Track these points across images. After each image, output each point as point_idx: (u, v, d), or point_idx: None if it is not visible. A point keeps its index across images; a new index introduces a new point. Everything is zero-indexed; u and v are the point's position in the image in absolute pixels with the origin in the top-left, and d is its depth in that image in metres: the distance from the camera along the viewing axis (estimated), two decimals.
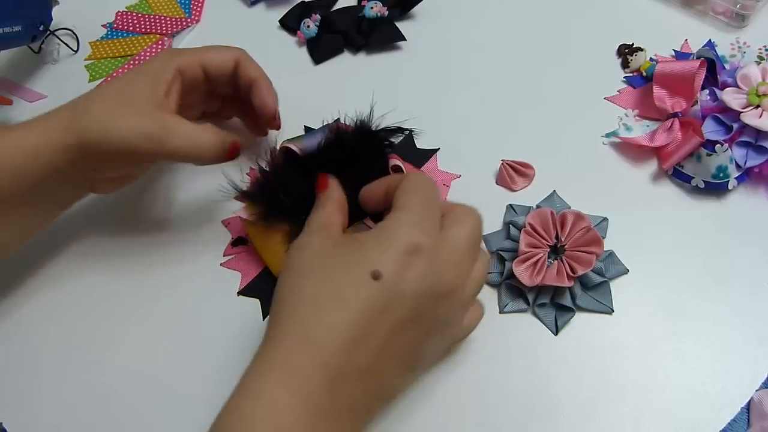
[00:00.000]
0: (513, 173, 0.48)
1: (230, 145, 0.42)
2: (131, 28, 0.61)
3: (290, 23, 0.60)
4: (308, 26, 0.57)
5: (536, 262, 0.42)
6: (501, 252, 0.44)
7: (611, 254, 0.44)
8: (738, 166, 0.46)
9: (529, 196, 0.48)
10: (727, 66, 0.51)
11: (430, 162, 0.50)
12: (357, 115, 0.45)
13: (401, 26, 0.58)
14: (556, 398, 0.40)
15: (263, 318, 0.44)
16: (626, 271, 0.44)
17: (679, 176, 0.47)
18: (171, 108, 0.42)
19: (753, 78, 0.47)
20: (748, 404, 0.40)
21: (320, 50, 0.57)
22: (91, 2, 0.63)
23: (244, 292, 0.45)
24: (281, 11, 0.61)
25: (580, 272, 0.41)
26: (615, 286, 0.43)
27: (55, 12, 0.56)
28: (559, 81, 0.54)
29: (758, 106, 0.46)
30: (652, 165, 0.49)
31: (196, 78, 0.44)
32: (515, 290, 0.43)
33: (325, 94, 0.55)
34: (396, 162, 0.44)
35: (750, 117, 0.46)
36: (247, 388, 0.32)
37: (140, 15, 0.62)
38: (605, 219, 0.46)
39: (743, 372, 0.40)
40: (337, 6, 0.61)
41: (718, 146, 0.45)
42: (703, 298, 0.43)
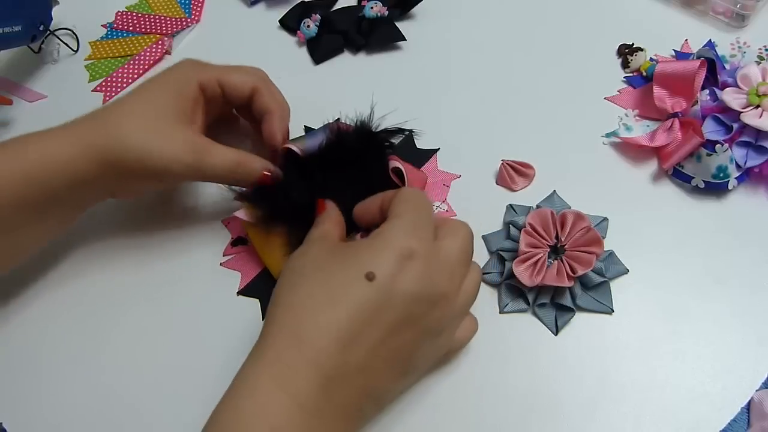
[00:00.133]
0: (513, 173, 0.48)
1: (262, 174, 0.43)
2: (131, 28, 0.61)
3: (290, 23, 0.60)
4: (308, 26, 0.57)
5: (536, 262, 0.42)
6: (501, 252, 0.44)
7: (611, 254, 0.44)
8: (738, 166, 0.46)
9: (529, 196, 0.48)
10: (727, 66, 0.51)
11: (430, 162, 0.50)
12: (357, 116, 0.45)
13: (401, 26, 0.58)
14: (556, 398, 0.40)
15: (262, 318, 0.44)
16: (626, 271, 0.44)
17: (679, 176, 0.47)
18: (199, 126, 0.44)
19: (753, 78, 0.47)
20: (748, 404, 0.40)
21: (320, 50, 0.57)
22: (91, 2, 0.63)
23: (244, 292, 0.45)
24: (281, 11, 0.61)
25: (580, 272, 0.41)
26: (615, 286, 0.43)
27: (55, 12, 0.56)
28: (559, 81, 0.54)
29: (758, 106, 0.46)
30: (652, 165, 0.49)
31: (215, 95, 0.45)
32: (515, 290, 0.43)
33: (325, 94, 0.55)
34: (396, 164, 0.44)
35: (750, 117, 0.46)
36: (241, 386, 0.32)
37: (140, 15, 0.62)
38: (605, 219, 0.46)
39: (743, 372, 0.40)
40: (337, 6, 0.61)
41: (718, 146, 0.45)
42: (703, 298, 0.43)
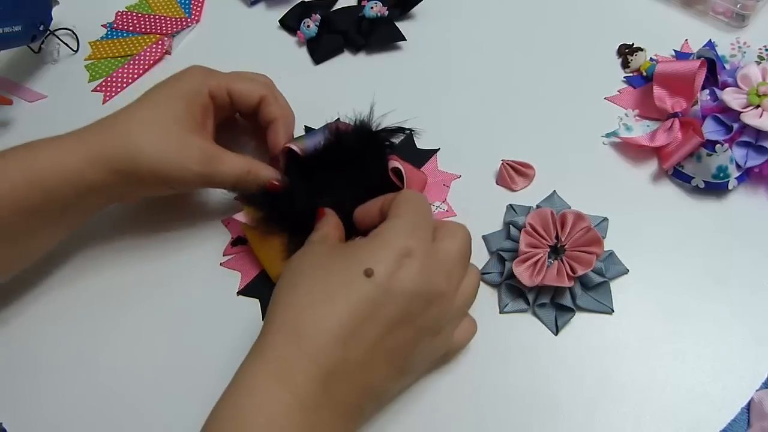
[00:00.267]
0: (513, 173, 0.48)
1: (270, 183, 0.44)
2: (131, 28, 0.61)
3: (290, 23, 0.60)
4: (308, 26, 0.57)
5: (536, 262, 0.42)
6: (501, 252, 0.44)
7: (611, 254, 0.44)
8: (738, 166, 0.46)
9: (529, 196, 0.48)
10: (728, 66, 0.51)
11: (430, 162, 0.50)
12: (357, 115, 0.45)
13: (401, 26, 0.58)
14: (556, 398, 0.40)
15: (262, 318, 0.44)
16: (626, 271, 0.44)
17: (679, 176, 0.47)
18: (209, 132, 0.45)
19: (753, 78, 0.47)
20: (748, 404, 0.40)
21: (320, 50, 0.57)
22: (91, 2, 0.63)
23: (244, 292, 0.45)
24: (281, 11, 0.61)
25: (580, 272, 0.41)
26: (615, 286, 0.43)
27: (55, 12, 0.56)
28: (559, 81, 0.54)
29: (758, 106, 0.46)
30: (652, 165, 0.49)
31: (224, 103, 0.46)
32: (515, 290, 0.43)
33: (325, 94, 0.55)
34: (396, 164, 0.44)
35: (750, 117, 0.46)
36: (240, 383, 0.33)
37: (140, 15, 0.62)
38: (605, 219, 0.46)
39: (743, 372, 0.40)
40: (337, 6, 0.61)
41: (719, 146, 0.45)
42: (703, 298, 0.43)
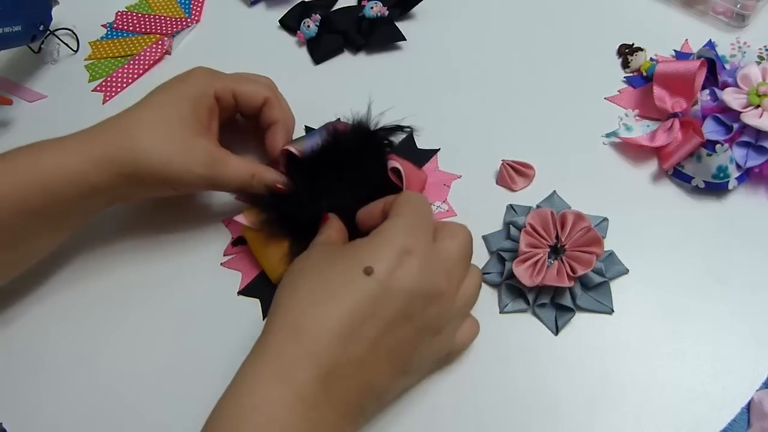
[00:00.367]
0: (513, 173, 0.48)
1: (274, 187, 0.44)
2: (131, 28, 0.61)
3: (290, 23, 0.60)
4: (308, 26, 0.57)
5: (536, 262, 0.42)
6: (501, 252, 0.44)
7: (611, 254, 0.44)
8: (738, 166, 0.46)
9: (529, 196, 0.48)
10: (728, 66, 0.51)
11: (431, 162, 0.50)
12: (354, 115, 0.45)
13: (401, 26, 0.58)
14: (556, 398, 0.40)
15: (263, 318, 0.44)
16: (626, 271, 0.44)
17: (680, 176, 0.47)
18: (214, 134, 0.45)
19: (753, 78, 0.47)
20: (748, 404, 0.40)
21: (320, 50, 0.57)
22: (91, 2, 0.63)
23: (245, 292, 0.45)
24: (281, 11, 0.61)
25: (580, 272, 0.41)
26: (615, 286, 0.43)
27: (55, 12, 0.56)
28: (559, 81, 0.54)
29: (758, 106, 0.46)
30: (652, 165, 0.49)
31: (229, 105, 0.46)
32: (515, 290, 0.43)
33: (325, 94, 0.55)
34: (394, 164, 0.44)
35: (750, 117, 0.46)
36: (242, 382, 0.33)
37: (140, 15, 0.62)
38: (605, 219, 0.46)
39: (743, 372, 0.40)
40: (337, 6, 0.61)
41: (719, 146, 0.45)
42: (703, 298, 0.43)
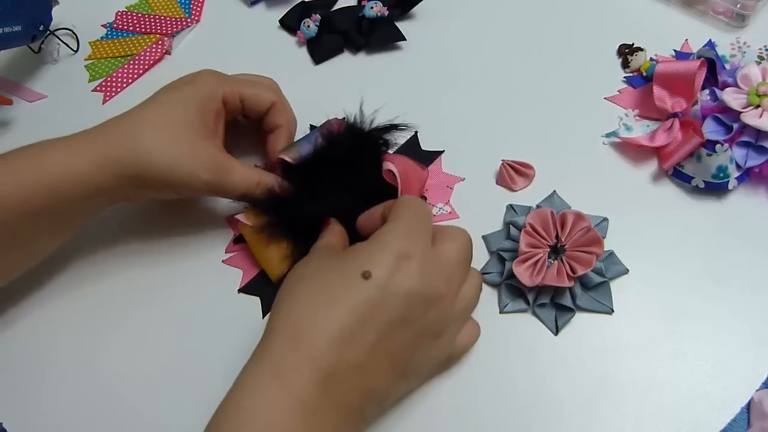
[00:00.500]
0: (513, 173, 0.48)
1: (273, 189, 0.44)
2: (131, 28, 0.61)
3: (290, 23, 0.60)
4: (308, 26, 0.57)
5: (536, 262, 0.42)
6: (501, 252, 0.44)
7: (611, 254, 0.44)
8: (738, 166, 0.46)
9: (529, 196, 0.48)
10: (728, 66, 0.51)
11: (435, 164, 0.50)
12: (347, 116, 0.45)
13: (401, 26, 0.58)
14: (556, 398, 0.40)
15: (263, 316, 0.44)
16: (626, 271, 0.44)
17: (679, 176, 0.47)
18: (220, 138, 0.45)
19: (753, 78, 0.47)
20: (748, 404, 0.40)
21: (320, 50, 0.57)
22: (91, 2, 0.63)
23: (245, 290, 0.45)
24: (281, 11, 0.61)
25: (580, 272, 0.41)
26: (615, 286, 0.43)
27: (55, 12, 0.56)
28: (559, 81, 0.54)
29: (758, 106, 0.46)
30: (652, 165, 0.49)
31: (235, 108, 0.47)
32: (515, 290, 0.43)
33: (325, 94, 0.55)
34: (389, 166, 0.44)
35: (750, 117, 0.46)
36: (242, 387, 0.33)
37: (140, 15, 0.62)
38: (605, 219, 0.46)
39: (743, 372, 0.40)
40: (337, 6, 0.61)
41: (719, 146, 0.45)
42: (703, 298, 0.43)
